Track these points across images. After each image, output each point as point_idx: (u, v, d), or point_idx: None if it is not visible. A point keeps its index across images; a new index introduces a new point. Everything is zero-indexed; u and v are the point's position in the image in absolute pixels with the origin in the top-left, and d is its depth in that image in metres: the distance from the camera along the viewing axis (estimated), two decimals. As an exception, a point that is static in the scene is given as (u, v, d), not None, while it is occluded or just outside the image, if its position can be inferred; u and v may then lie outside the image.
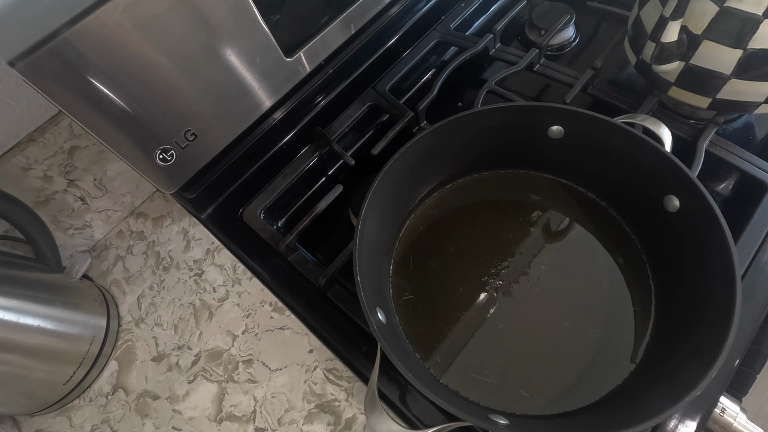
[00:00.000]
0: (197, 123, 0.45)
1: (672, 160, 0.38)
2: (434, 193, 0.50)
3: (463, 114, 0.43)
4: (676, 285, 0.40)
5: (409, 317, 0.44)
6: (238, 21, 0.42)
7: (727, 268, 0.33)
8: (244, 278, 0.51)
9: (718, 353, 0.30)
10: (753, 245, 0.43)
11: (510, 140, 0.46)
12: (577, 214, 0.47)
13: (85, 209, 0.54)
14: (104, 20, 0.35)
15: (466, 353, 0.42)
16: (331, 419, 0.42)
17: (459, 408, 0.31)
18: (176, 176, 0.47)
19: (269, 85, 0.49)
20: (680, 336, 0.37)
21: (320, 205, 0.50)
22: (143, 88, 0.40)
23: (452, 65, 0.58)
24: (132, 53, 0.38)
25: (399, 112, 0.56)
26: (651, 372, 0.37)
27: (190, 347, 0.48)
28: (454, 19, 0.66)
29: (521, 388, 0.39)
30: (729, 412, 0.39)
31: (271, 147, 0.56)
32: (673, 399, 0.30)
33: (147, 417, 0.46)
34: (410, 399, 0.41)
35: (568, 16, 0.61)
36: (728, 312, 0.32)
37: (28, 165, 0.48)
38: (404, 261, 0.47)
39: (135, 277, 0.54)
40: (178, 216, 0.57)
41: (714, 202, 0.35)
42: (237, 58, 0.44)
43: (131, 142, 0.42)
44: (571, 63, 0.63)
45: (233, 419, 0.44)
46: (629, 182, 0.43)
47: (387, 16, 0.58)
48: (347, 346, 0.45)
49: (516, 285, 0.45)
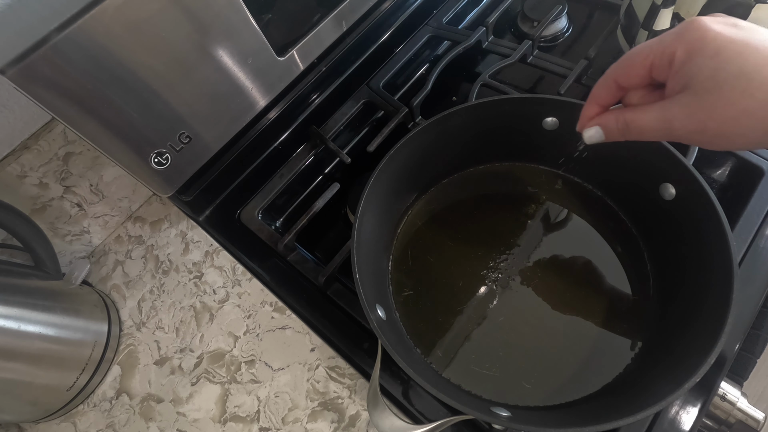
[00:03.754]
0: (191, 125, 0.45)
1: (667, 148, 0.38)
2: (431, 188, 0.50)
3: (458, 108, 0.43)
4: (674, 273, 0.40)
5: (409, 313, 0.44)
6: (229, 21, 0.42)
7: (725, 255, 0.34)
8: (244, 279, 0.51)
9: (716, 339, 0.31)
10: (750, 231, 0.43)
11: (505, 133, 0.46)
12: (574, 205, 0.47)
13: (83, 215, 0.54)
14: (94, 25, 0.35)
15: (467, 347, 0.42)
16: (335, 417, 0.43)
17: (461, 402, 0.32)
18: (172, 179, 0.47)
19: (262, 85, 0.49)
20: (679, 323, 0.37)
21: (318, 203, 0.50)
22: (136, 92, 0.40)
23: (445, 59, 0.58)
24: (123, 57, 0.38)
25: (393, 109, 0.56)
26: (651, 360, 0.38)
27: (192, 349, 0.49)
28: (446, 13, 0.66)
29: (523, 380, 0.39)
30: (730, 397, 0.39)
31: (266, 147, 0.55)
32: (673, 386, 0.30)
33: (151, 420, 0.46)
34: (413, 394, 0.42)
35: (560, 7, 0.61)
36: (726, 298, 0.32)
37: (24, 173, 0.48)
38: (403, 257, 0.47)
39: (135, 282, 0.54)
40: (175, 219, 0.57)
41: (710, 189, 0.35)
42: (229, 58, 0.44)
43: (126, 146, 0.42)
44: (564, 54, 0.63)
45: (237, 420, 0.44)
46: (625, 172, 0.43)
47: (378, 12, 0.58)
48: (349, 344, 0.45)
49: (515, 278, 0.45)
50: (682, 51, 0.25)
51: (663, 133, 0.27)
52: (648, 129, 0.28)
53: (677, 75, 0.26)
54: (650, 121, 0.27)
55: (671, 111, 0.26)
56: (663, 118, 0.27)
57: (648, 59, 0.27)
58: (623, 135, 0.29)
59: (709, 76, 0.24)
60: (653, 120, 0.27)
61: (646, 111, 0.27)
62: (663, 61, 0.26)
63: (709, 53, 0.24)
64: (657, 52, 0.26)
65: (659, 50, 0.26)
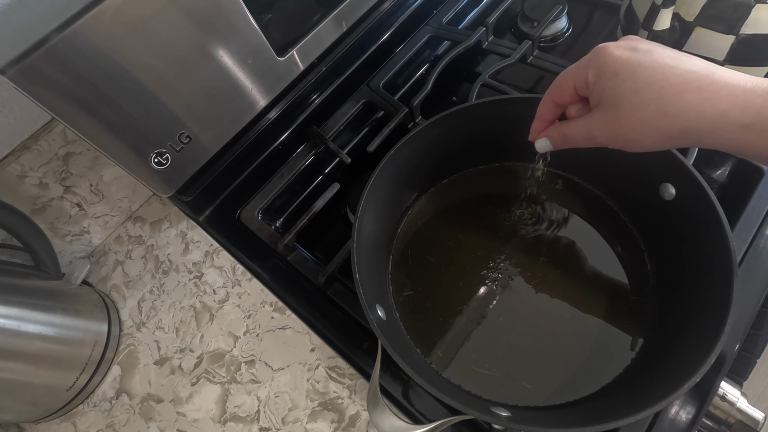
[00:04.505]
0: (191, 125, 0.45)
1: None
2: (431, 188, 0.50)
3: (458, 108, 0.43)
4: (674, 273, 0.40)
5: (409, 313, 0.44)
6: (229, 21, 0.42)
7: (725, 254, 0.34)
8: (244, 279, 0.51)
9: (716, 339, 0.31)
10: (750, 231, 0.43)
11: (506, 133, 0.46)
12: (574, 204, 0.48)
13: (83, 215, 0.54)
14: (94, 25, 0.35)
15: (467, 347, 0.42)
16: (335, 417, 0.43)
17: (461, 402, 0.32)
18: (172, 179, 0.47)
19: (263, 85, 0.49)
20: (679, 323, 0.37)
21: (318, 204, 0.50)
22: (136, 92, 0.40)
23: (445, 60, 0.58)
24: (123, 57, 0.38)
25: (394, 109, 0.56)
26: (651, 360, 0.38)
27: (192, 350, 0.49)
28: (447, 13, 0.66)
29: (523, 380, 0.39)
30: (730, 397, 0.39)
31: (266, 147, 0.55)
32: (673, 386, 0.30)
33: (151, 420, 0.46)
34: (413, 394, 0.42)
35: (560, 7, 0.61)
36: (726, 298, 0.32)
37: (24, 173, 0.48)
38: (403, 257, 0.47)
39: (135, 282, 0.54)
40: (175, 219, 0.57)
41: (710, 189, 0.35)
42: (229, 59, 0.44)
43: (126, 146, 0.42)
44: (564, 54, 0.63)
45: (237, 420, 0.44)
46: (625, 172, 0.43)
47: (379, 12, 0.58)
48: (349, 344, 0.45)
49: (515, 278, 0.45)
50: (592, 74, 0.30)
51: (589, 141, 0.32)
52: (578, 138, 0.32)
53: (592, 93, 0.31)
54: (578, 131, 0.32)
55: (591, 123, 0.31)
56: (586, 128, 0.31)
57: (571, 81, 0.32)
58: (563, 144, 0.34)
59: (611, 94, 0.29)
60: (580, 130, 0.32)
61: (576, 123, 0.32)
62: (581, 82, 0.31)
63: (610, 74, 0.29)
64: (576, 75, 0.31)
65: (577, 74, 0.31)
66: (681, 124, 0.27)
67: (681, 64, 0.27)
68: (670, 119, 0.27)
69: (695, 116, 0.27)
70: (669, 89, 0.27)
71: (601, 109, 0.30)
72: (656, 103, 0.27)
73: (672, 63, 0.28)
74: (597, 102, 0.30)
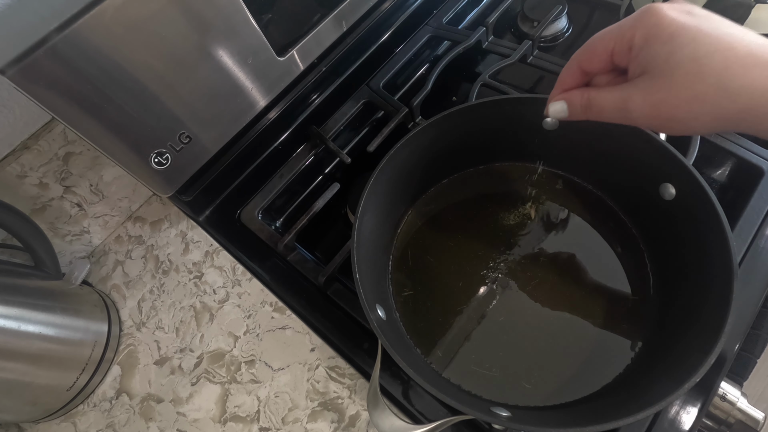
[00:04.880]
0: (191, 125, 0.45)
1: (667, 148, 0.38)
2: (431, 188, 0.50)
3: (458, 108, 0.43)
4: (674, 273, 0.40)
5: (409, 313, 0.44)
6: (229, 21, 0.42)
7: (724, 255, 0.34)
8: (244, 279, 0.51)
9: (716, 339, 0.31)
10: (750, 231, 0.43)
11: (505, 133, 0.46)
12: (574, 205, 0.48)
13: (83, 215, 0.54)
14: (94, 25, 0.35)
15: (467, 347, 0.42)
16: (335, 417, 0.43)
17: (461, 402, 0.32)
18: (172, 179, 0.47)
19: (263, 85, 0.49)
20: (679, 323, 0.37)
21: (318, 203, 0.50)
22: (136, 92, 0.40)
23: (445, 60, 0.58)
24: (123, 57, 0.38)
25: (394, 109, 0.56)
26: (651, 360, 0.38)
27: (192, 350, 0.49)
28: (446, 13, 0.66)
29: (523, 380, 0.40)
30: (730, 397, 0.39)
31: (266, 147, 0.55)
32: (673, 386, 0.30)
33: (151, 420, 0.46)
34: (413, 394, 0.42)
35: (560, 7, 0.61)
36: (726, 298, 0.32)
37: (23, 173, 0.48)
38: (403, 257, 0.47)
39: (135, 282, 0.54)
40: (175, 219, 0.57)
41: (710, 189, 0.35)
42: (229, 58, 0.44)
43: (126, 146, 0.42)
44: (564, 54, 0.63)
45: (237, 420, 0.44)
46: (625, 172, 0.43)
47: (378, 12, 0.58)
48: (349, 344, 0.45)
49: (515, 278, 0.45)
50: (639, 36, 0.26)
51: (620, 114, 0.28)
52: (607, 108, 0.28)
53: (636, 59, 0.26)
54: (610, 101, 0.28)
55: (629, 93, 0.27)
56: (621, 98, 0.27)
57: (609, 45, 0.27)
58: (585, 112, 0.30)
59: (664, 61, 0.25)
60: (612, 100, 0.28)
61: (608, 91, 0.28)
62: (622, 46, 0.27)
63: (664, 38, 0.25)
64: (617, 37, 0.27)
65: (619, 36, 0.27)
66: (742, 103, 0.24)
67: (746, 35, 0.24)
68: (731, 96, 0.24)
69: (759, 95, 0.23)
70: (734, 61, 0.23)
71: (645, 79, 0.26)
72: (717, 77, 0.23)
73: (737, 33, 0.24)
74: (642, 70, 0.26)
